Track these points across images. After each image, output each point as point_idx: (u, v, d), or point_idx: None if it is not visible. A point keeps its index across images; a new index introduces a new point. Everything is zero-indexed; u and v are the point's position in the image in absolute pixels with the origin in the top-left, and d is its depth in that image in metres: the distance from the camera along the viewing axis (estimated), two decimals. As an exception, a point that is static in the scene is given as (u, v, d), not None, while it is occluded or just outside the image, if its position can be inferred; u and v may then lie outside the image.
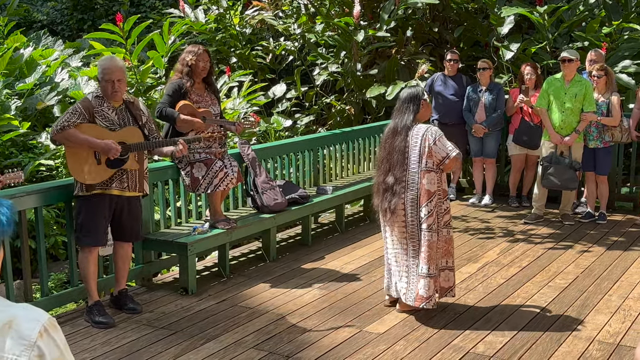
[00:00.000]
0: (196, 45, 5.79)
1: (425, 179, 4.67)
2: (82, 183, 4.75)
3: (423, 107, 4.81)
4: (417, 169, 4.69)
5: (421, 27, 10.25)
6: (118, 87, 4.79)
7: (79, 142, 4.70)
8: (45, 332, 1.52)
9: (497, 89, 8.02)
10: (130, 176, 4.90)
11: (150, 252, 5.71)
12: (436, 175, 4.71)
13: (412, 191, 4.70)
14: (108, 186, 4.81)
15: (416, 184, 4.70)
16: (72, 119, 4.69)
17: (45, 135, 7.96)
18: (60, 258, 7.11)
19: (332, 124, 9.70)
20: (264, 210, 6.24)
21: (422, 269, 4.73)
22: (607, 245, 6.65)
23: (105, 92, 4.81)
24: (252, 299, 5.32)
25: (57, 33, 13.70)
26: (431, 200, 4.68)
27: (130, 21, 8.44)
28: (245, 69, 10.08)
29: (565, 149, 7.16)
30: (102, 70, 4.80)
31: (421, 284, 4.74)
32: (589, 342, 4.48)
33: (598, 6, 9.04)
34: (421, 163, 4.68)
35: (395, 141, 4.75)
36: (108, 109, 4.82)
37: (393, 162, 4.75)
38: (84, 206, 4.81)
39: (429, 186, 4.67)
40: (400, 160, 4.72)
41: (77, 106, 4.76)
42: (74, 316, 4.96)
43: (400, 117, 4.80)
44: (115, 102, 4.87)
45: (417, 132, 4.71)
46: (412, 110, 4.77)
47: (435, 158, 4.68)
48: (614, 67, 8.08)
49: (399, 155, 4.73)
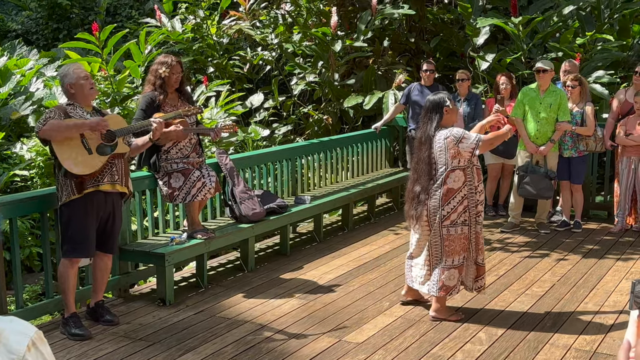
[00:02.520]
0: (168, 55, 5.66)
1: (449, 178, 4.83)
2: (72, 186, 4.61)
3: (447, 113, 4.91)
4: (443, 171, 4.84)
5: (398, 37, 10.33)
6: (93, 83, 4.77)
7: (66, 127, 4.56)
8: (33, 346, 1.52)
9: (476, 99, 8.09)
10: (119, 168, 4.83)
11: (127, 263, 5.65)
12: (461, 172, 4.85)
13: (436, 195, 4.85)
14: (100, 181, 4.71)
15: (440, 188, 4.84)
16: (52, 115, 4.59)
17: (20, 145, 7.86)
18: (35, 270, 7.02)
19: (310, 134, 9.71)
20: (242, 220, 6.22)
21: (445, 262, 4.92)
22: (583, 254, 6.72)
23: (83, 90, 4.72)
24: (231, 309, 5.29)
25: (32, 42, 13.58)
26: (454, 197, 4.84)
27: (107, 30, 8.40)
28: (222, 78, 10.06)
29: (541, 158, 7.24)
30: (74, 71, 4.73)
31: (445, 275, 4.92)
32: (566, 349, 4.52)
33: (572, 17, 9.17)
34: (446, 166, 4.83)
35: (422, 152, 4.92)
36: (83, 113, 4.75)
37: (420, 171, 4.93)
38: (73, 215, 4.67)
39: (452, 184, 4.84)
40: (426, 170, 4.90)
41: (52, 109, 4.68)
42: (49, 328, 4.89)
43: (424, 127, 4.94)
44: (89, 106, 4.81)
45: (439, 139, 4.85)
46: (435, 119, 4.90)
47: (465, 154, 4.82)
48: (588, 78, 8.19)
49: (424, 166, 4.90)
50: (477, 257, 5.01)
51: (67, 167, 4.58)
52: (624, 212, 7.48)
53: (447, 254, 4.92)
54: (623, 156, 7.38)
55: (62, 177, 4.64)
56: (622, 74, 8.90)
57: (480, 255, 5.03)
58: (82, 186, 4.64)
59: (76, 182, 4.62)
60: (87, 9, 13.78)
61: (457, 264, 4.94)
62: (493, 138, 4.96)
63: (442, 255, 4.94)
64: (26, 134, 8.35)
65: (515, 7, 9.24)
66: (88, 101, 4.81)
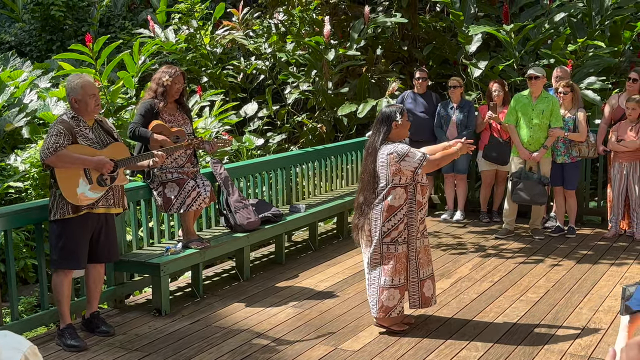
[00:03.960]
0: (172, 66, 5.76)
1: (390, 195, 4.73)
2: (67, 206, 4.65)
3: (396, 127, 4.82)
4: (385, 187, 4.75)
5: (391, 45, 10.37)
6: (98, 100, 4.80)
7: (73, 161, 4.62)
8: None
9: (468, 106, 8.12)
10: (115, 192, 4.88)
11: (122, 274, 5.65)
12: (403, 189, 4.74)
13: (377, 209, 4.76)
14: (95, 205, 4.76)
15: (381, 202, 4.75)
16: (59, 140, 4.59)
17: (14, 157, 7.85)
18: (30, 281, 7.00)
19: (304, 142, 9.73)
20: (237, 229, 6.22)
21: (385, 281, 4.79)
22: (577, 259, 6.74)
23: (87, 107, 4.74)
24: (226, 318, 5.29)
25: (26, 54, 13.56)
26: (395, 214, 4.73)
27: (100, 42, 8.41)
28: (216, 88, 10.08)
29: (534, 164, 7.28)
30: (83, 86, 4.73)
31: (385, 295, 4.79)
32: (561, 355, 4.54)
33: (563, 24, 9.23)
34: (387, 181, 4.73)
35: (367, 162, 4.84)
36: (85, 129, 4.77)
37: (364, 182, 4.86)
38: (66, 229, 4.70)
39: (392, 202, 4.73)
40: (369, 181, 4.81)
41: (58, 128, 4.64)
42: (45, 340, 4.88)
43: (372, 138, 4.87)
44: (91, 120, 4.83)
45: (383, 153, 4.77)
46: (382, 131, 4.82)
47: (407, 172, 4.72)
48: (580, 84, 8.24)
49: (368, 177, 4.81)
50: (421, 272, 4.87)
51: (65, 196, 4.64)
52: (617, 217, 7.51)
53: (386, 272, 4.78)
54: (615, 162, 7.42)
55: (59, 197, 4.68)
56: (614, 80, 8.95)
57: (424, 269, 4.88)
58: (77, 209, 4.70)
59: (72, 205, 4.68)
60: (81, 20, 13.79)
61: (397, 284, 4.80)
62: (440, 158, 4.83)
63: (381, 273, 4.81)
64: (20, 146, 8.34)
65: (507, 15, 9.30)
66: (91, 117, 4.83)
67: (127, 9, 14.40)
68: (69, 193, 4.64)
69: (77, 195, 4.66)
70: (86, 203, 4.70)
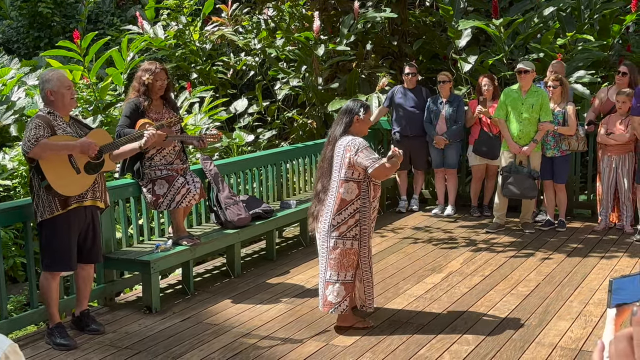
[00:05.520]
0: (152, 62, 5.68)
1: (342, 188, 4.71)
2: (55, 203, 4.59)
3: (358, 122, 4.81)
4: (337, 178, 4.74)
5: (380, 40, 10.36)
6: (74, 94, 4.74)
7: (57, 149, 4.54)
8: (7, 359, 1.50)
9: (458, 101, 8.13)
10: (100, 184, 4.84)
11: (112, 271, 5.62)
12: (356, 185, 4.71)
13: (330, 199, 4.75)
14: (84, 198, 4.72)
15: (334, 192, 4.75)
16: (40, 132, 4.52)
17: (2, 155, 7.80)
18: (20, 280, 6.95)
19: (295, 138, 9.71)
20: (227, 225, 6.20)
21: (330, 276, 4.77)
22: (567, 252, 6.76)
23: (63, 99, 4.67)
24: (217, 315, 5.28)
25: (13, 51, 13.47)
26: (345, 208, 4.71)
27: (88, 38, 8.35)
28: (206, 84, 10.03)
29: (524, 158, 7.29)
30: (58, 78, 4.67)
31: (329, 290, 4.78)
32: (552, 348, 4.55)
33: (552, 18, 9.24)
34: (340, 173, 4.72)
35: (327, 151, 4.85)
36: (63, 123, 4.71)
37: (322, 170, 4.85)
38: (56, 230, 4.65)
39: (345, 195, 4.71)
40: (327, 169, 4.80)
41: (37, 121, 4.58)
42: (34, 338, 4.86)
43: (334, 128, 4.88)
44: (67, 116, 4.77)
45: (341, 143, 4.76)
46: (344, 122, 4.82)
47: (359, 168, 4.70)
48: (569, 78, 8.25)
49: (326, 165, 4.81)
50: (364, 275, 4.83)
51: (55, 188, 4.56)
52: (607, 210, 7.54)
53: (332, 267, 4.75)
54: (604, 155, 7.44)
55: (44, 193, 4.60)
56: (603, 74, 8.97)
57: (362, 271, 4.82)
58: (66, 203, 4.64)
59: (60, 199, 4.61)
60: (69, 16, 13.71)
61: (343, 280, 4.76)
62: (390, 168, 4.72)
63: (327, 267, 4.79)
64: (8, 144, 8.28)
65: (496, 9, 9.30)
66: (66, 111, 4.76)
67: (115, 6, 14.33)
68: (58, 184, 4.56)
69: (69, 185, 4.59)
70: (79, 192, 4.64)
